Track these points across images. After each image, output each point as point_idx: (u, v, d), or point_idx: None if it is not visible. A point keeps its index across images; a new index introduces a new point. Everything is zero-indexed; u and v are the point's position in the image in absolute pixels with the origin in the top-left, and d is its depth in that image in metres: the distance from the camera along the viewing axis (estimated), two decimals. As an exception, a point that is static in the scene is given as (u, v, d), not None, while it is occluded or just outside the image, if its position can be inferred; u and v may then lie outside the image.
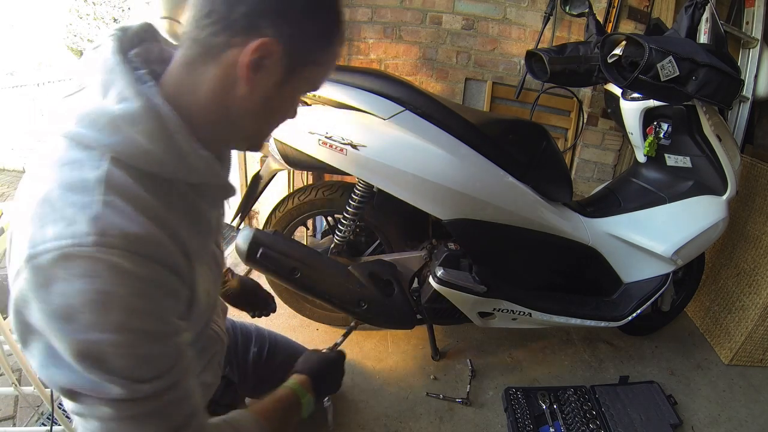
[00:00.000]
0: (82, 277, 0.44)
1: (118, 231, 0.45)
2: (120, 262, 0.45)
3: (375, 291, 1.33)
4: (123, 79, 0.49)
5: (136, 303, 0.47)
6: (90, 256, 0.44)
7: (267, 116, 0.56)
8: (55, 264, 0.44)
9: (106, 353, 0.46)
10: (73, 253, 0.44)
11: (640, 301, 1.43)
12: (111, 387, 0.47)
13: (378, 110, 1.16)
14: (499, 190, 1.24)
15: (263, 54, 0.48)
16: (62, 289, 0.44)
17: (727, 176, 1.36)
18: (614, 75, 1.18)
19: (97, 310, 0.45)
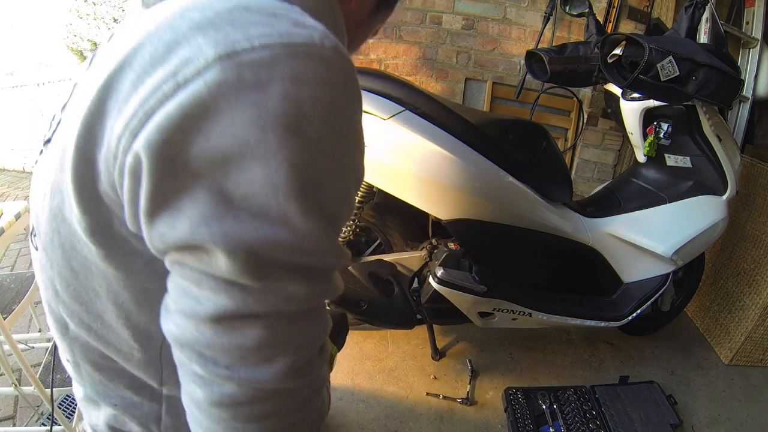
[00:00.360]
0: (320, 80, 0.32)
1: (342, 46, 0.35)
2: (355, 81, 0.36)
3: (375, 291, 1.33)
4: None
5: (360, 135, 0.38)
6: (332, 59, 0.33)
7: (354, 38, 0.51)
8: (280, 59, 0.30)
9: (328, 186, 0.34)
10: (309, 52, 0.31)
11: (640, 301, 1.43)
12: (319, 242, 0.33)
13: (378, 110, 1.16)
14: (499, 190, 1.24)
15: None
16: (288, 90, 0.30)
17: (727, 176, 1.36)
18: (614, 75, 1.18)
19: (332, 126, 0.33)
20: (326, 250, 0.35)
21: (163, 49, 0.31)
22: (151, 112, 0.29)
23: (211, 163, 0.30)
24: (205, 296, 0.32)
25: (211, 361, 0.34)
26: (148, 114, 0.30)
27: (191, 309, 0.33)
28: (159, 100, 0.29)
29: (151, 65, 0.30)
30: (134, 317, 0.41)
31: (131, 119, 0.30)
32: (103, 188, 0.34)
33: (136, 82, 0.31)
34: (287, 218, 0.31)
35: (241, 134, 0.29)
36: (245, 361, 0.34)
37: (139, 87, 0.30)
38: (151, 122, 0.29)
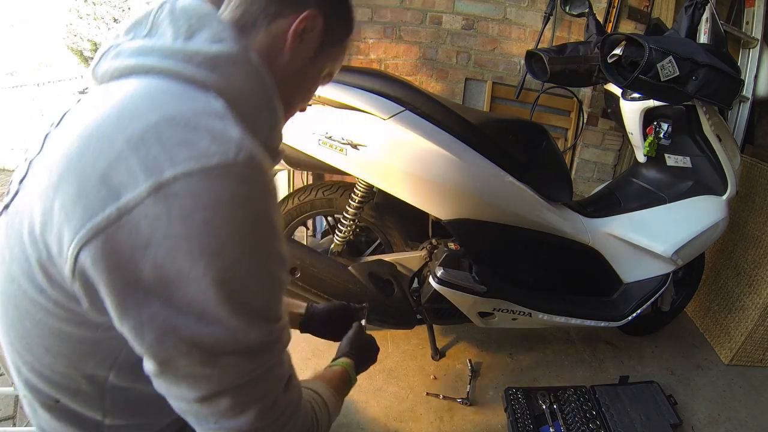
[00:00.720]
0: (235, 199, 0.38)
1: (259, 152, 0.42)
2: (270, 181, 0.42)
3: (375, 291, 1.33)
4: (219, 24, 0.48)
5: (278, 229, 0.44)
6: (244, 174, 0.39)
7: (297, 90, 0.59)
8: (198, 184, 0.37)
9: (256, 291, 0.42)
10: (223, 172, 0.38)
11: (640, 301, 1.43)
12: (253, 334, 0.42)
13: (378, 110, 1.16)
14: (499, 190, 1.24)
15: (308, 26, 0.53)
16: (207, 217, 0.37)
17: (727, 176, 1.36)
18: (614, 75, 1.18)
19: (251, 239, 0.40)
20: (257, 336, 0.43)
21: (104, 164, 0.37)
22: (98, 231, 0.37)
23: (158, 282, 0.38)
24: (184, 388, 0.43)
25: (203, 421, 0.45)
26: (96, 231, 0.37)
27: (180, 396, 0.44)
28: (105, 222, 0.37)
29: (94, 178, 0.37)
30: (82, 365, 0.47)
31: (79, 230, 0.37)
32: (55, 270, 0.41)
33: (81, 191, 0.37)
34: (221, 320, 0.40)
35: (175, 263, 0.37)
36: (226, 417, 0.44)
37: (83, 199, 0.37)
38: (98, 240, 0.37)
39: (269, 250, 0.43)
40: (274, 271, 0.44)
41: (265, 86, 0.49)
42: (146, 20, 0.49)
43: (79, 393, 0.50)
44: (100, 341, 0.46)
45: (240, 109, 0.46)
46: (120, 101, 0.41)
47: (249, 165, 0.40)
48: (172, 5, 0.49)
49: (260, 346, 0.44)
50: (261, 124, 0.49)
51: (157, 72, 0.44)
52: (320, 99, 1.19)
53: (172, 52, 0.45)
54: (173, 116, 0.39)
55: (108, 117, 0.40)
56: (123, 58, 0.46)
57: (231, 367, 0.42)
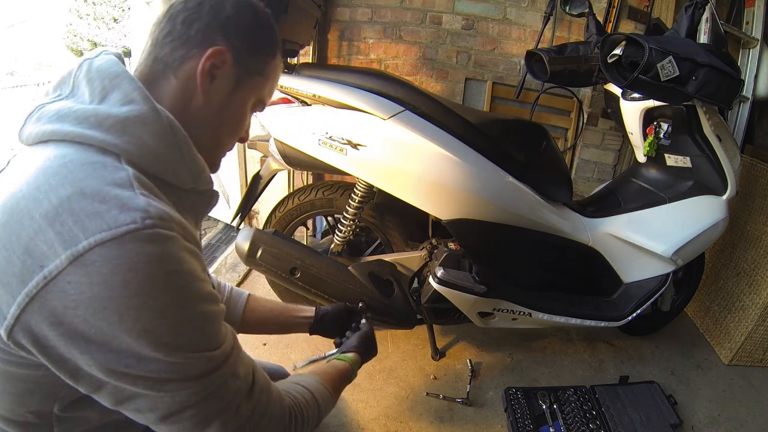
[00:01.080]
0: (148, 259, 0.43)
1: (168, 215, 0.46)
2: (178, 239, 0.46)
3: (375, 291, 1.33)
4: (130, 84, 0.51)
5: (197, 273, 0.48)
6: (152, 236, 0.43)
7: (221, 127, 0.60)
8: (110, 251, 0.41)
9: (184, 330, 0.46)
10: (132, 238, 0.42)
11: (640, 301, 1.43)
12: (195, 364, 0.47)
13: (378, 110, 1.16)
14: (499, 190, 1.24)
15: (217, 62, 0.55)
16: (126, 279, 0.42)
17: (727, 176, 1.36)
18: (614, 75, 1.18)
19: (170, 289, 0.45)
20: (198, 365, 0.47)
21: (26, 236, 0.42)
22: (32, 297, 0.41)
23: (94, 335, 0.42)
24: (145, 412, 0.47)
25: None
26: (30, 297, 0.41)
27: (145, 419, 0.48)
28: (35, 289, 0.41)
29: (20, 250, 0.42)
30: (27, 402, 0.51)
31: (16, 296, 0.42)
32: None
33: (10, 261, 0.42)
34: (159, 359, 0.44)
35: (105, 320, 0.42)
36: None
37: (14, 268, 0.42)
38: (34, 304, 0.42)
39: (190, 294, 0.47)
40: (201, 309, 0.48)
41: (177, 141, 0.52)
42: (69, 79, 0.53)
43: (28, 426, 0.53)
44: (42, 378, 0.49)
45: (153, 167, 0.51)
46: (36, 175, 0.45)
47: (155, 227, 0.44)
48: (89, 65, 0.52)
49: (203, 372, 0.48)
50: (181, 176, 0.54)
51: (71, 139, 0.48)
52: (320, 99, 1.19)
53: (86, 117, 0.48)
54: (83, 189, 0.43)
55: (27, 192, 0.44)
56: (43, 123, 0.50)
57: (180, 391, 0.47)
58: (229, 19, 0.55)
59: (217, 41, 0.55)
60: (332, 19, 1.93)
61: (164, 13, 0.56)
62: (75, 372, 0.45)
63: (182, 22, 0.54)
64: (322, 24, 1.92)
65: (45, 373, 0.47)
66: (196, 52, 0.54)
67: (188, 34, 0.54)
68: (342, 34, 1.95)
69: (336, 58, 1.99)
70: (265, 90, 0.63)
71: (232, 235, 2.34)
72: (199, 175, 0.57)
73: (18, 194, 0.44)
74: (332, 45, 1.97)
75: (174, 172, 0.53)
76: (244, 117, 0.63)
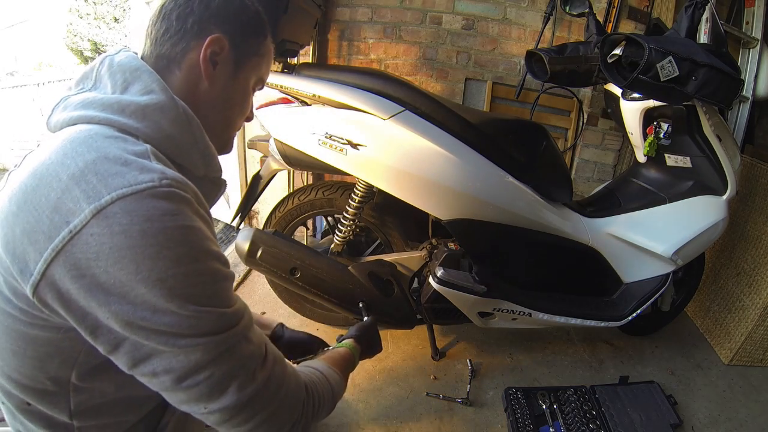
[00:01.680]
0: (162, 214, 0.46)
1: (183, 180, 0.51)
2: (192, 202, 0.50)
3: (375, 291, 1.33)
4: (149, 77, 0.56)
5: (208, 235, 0.52)
6: (168, 194, 0.47)
7: (229, 108, 0.66)
8: (131, 204, 0.45)
9: (198, 283, 0.48)
10: (151, 194, 0.46)
11: (640, 301, 1.43)
12: (208, 319, 0.49)
13: (378, 110, 1.16)
14: (499, 190, 1.24)
15: (215, 48, 0.60)
16: (144, 228, 0.45)
17: (727, 176, 1.36)
18: (614, 75, 1.18)
19: (184, 242, 0.47)
20: (210, 321, 0.49)
21: (54, 197, 0.46)
22: (58, 251, 0.44)
23: (113, 285, 0.45)
24: (160, 374, 0.48)
25: (194, 406, 0.51)
26: (56, 251, 0.44)
27: (162, 385, 0.50)
28: (62, 243, 0.44)
29: (48, 209, 0.45)
30: (46, 367, 0.53)
31: (43, 252, 0.45)
32: (18, 284, 0.47)
33: (39, 219, 0.45)
34: (173, 311, 0.46)
35: (123, 269, 0.45)
36: (211, 399, 0.50)
37: (42, 226, 0.45)
38: (60, 258, 0.45)
39: (203, 249, 0.50)
40: (213, 265, 0.51)
41: (191, 128, 0.58)
42: (91, 74, 0.59)
43: (46, 395, 0.55)
44: (62, 342, 0.51)
45: (170, 151, 0.55)
46: (64, 144, 0.49)
47: (171, 186, 0.48)
48: (111, 60, 0.58)
49: (216, 329, 0.50)
50: (194, 161, 0.59)
51: (97, 122, 0.53)
52: (320, 99, 1.19)
53: (110, 104, 0.54)
54: (107, 155, 0.48)
55: (55, 158, 0.48)
56: (70, 111, 0.55)
57: (194, 348, 0.48)
58: (219, 9, 0.60)
59: (213, 30, 0.59)
60: (332, 19, 1.93)
61: (157, 13, 0.61)
62: (95, 328, 0.47)
63: (177, 19, 0.59)
64: (322, 24, 1.92)
65: (65, 336, 0.50)
66: (196, 44, 0.59)
67: (185, 28, 0.59)
68: (342, 34, 1.95)
69: (336, 58, 1.99)
70: (262, 68, 0.68)
71: (232, 235, 2.34)
72: (210, 160, 0.62)
73: (47, 161, 0.48)
74: (332, 45, 1.97)
75: (188, 156, 0.58)
76: (248, 96, 0.68)
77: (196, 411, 0.51)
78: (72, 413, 0.56)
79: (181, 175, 0.51)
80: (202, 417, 0.52)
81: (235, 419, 0.52)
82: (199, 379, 0.49)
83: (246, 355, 0.52)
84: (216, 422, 0.52)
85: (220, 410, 0.51)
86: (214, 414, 0.51)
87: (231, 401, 0.51)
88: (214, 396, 0.50)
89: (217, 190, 0.67)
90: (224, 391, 0.50)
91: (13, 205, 0.47)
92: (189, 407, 0.51)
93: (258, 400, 0.53)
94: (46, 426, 0.57)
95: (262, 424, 0.54)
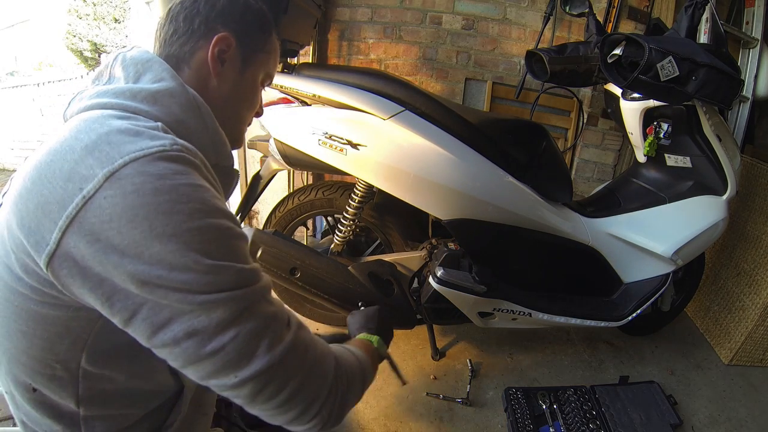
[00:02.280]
0: (174, 173, 0.47)
1: (193, 149, 0.52)
2: (201, 167, 0.52)
3: (375, 291, 1.33)
4: (160, 66, 0.58)
5: (217, 195, 0.52)
6: (179, 157, 0.49)
7: (239, 103, 0.68)
8: (143, 166, 0.46)
9: (212, 238, 0.48)
10: (162, 156, 0.47)
11: (640, 301, 1.43)
12: (226, 274, 0.48)
13: (378, 110, 1.16)
14: (499, 190, 1.24)
15: (223, 47, 0.62)
16: (156, 186, 0.46)
17: (727, 176, 1.36)
18: (614, 75, 1.18)
19: (196, 198, 0.48)
20: (227, 276, 0.48)
21: (68, 167, 0.46)
22: (72, 218, 0.45)
23: (128, 246, 0.45)
24: (181, 340, 0.46)
25: (224, 378, 0.48)
26: (71, 218, 0.45)
27: (186, 354, 0.47)
28: (75, 210, 0.45)
29: (61, 179, 0.46)
30: (56, 348, 0.52)
31: (58, 220, 0.45)
32: (30, 260, 0.47)
33: (52, 191, 0.46)
34: (189, 267, 0.46)
35: (137, 227, 0.45)
36: (239, 366, 0.48)
37: (55, 196, 0.46)
38: (74, 225, 0.45)
39: (215, 207, 0.50)
40: (226, 223, 0.50)
41: (201, 113, 0.59)
42: (105, 71, 0.61)
43: (54, 379, 0.54)
44: (71, 321, 0.51)
45: (181, 134, 0.55)
46: (78, 124, 0.50)
47: (181, 152, 0.49)
48: (123, 56, 0.60)
49: (235, 284, 0.48)
50: (204, 146, 0.59)
51: (110, 107, 0.54)
52: (320, 99, 1.19)
53: (122, 92, 0.55)
54: (120, 128, 0.49)
55: (69, 134, 0.49)
56: (85, 101, 0.57)
57: (214, 304, 0.47)
58: (224, 9, 0.62)
59: (219, 29, 0.61)
60: (332, 19, 1.93)
61: (165, 16, 0.63)
62: (112, 293, 0.46)
63: (184, 20, 0.61)
64: (322, 24, 1.92)
65: (75, 314, 0.50)
66: (203, 43, 0.61)
67: (192, 28, 0.61)
68: (342, 34, 1.95)
69: (336, 58, 1.99)
70: (270, 64, 0.69)
71: (232, 235, 2.33)
72: (221, 147, 0.63)
73: (62, 139, 0.49)
74: (332, 45, 1.97)
75: (198, 141, 0.57)
76: (257, 91, 0.70)
77: (226, 383, 0.48)
78: (79, 399, 0.55)
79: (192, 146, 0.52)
80: (232, 393, 0.49)
81: (268, 389, 0.49)
82: (224, 340, 0.47)
83: (269, 314, 0.51)
84: (248, 395, 0.49)
85: (253, 377, 0.48)
86: (246, 384, 0.48)
87: (263, 364, 0.48)
88: (243, 360, 0.47)
89: (230, 180, 0.68)
90: (253, 353, 0.48)
91: (27, 182, 0.48)
92: (218, 380, 0.48)
93: (289, 362, 0.50)
94: (50, 415, 0.56)
95: (296, 395, 0.51)
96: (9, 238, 0.48)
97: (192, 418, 0.69)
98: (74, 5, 7.54)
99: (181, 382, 0.65)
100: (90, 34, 7.58)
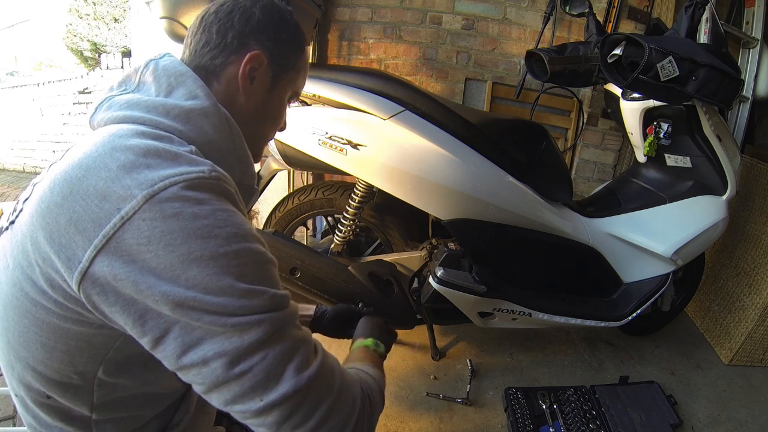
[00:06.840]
0: (212, 199, 0.48)
1: (229, 177, 0.53)
2: (234, 194, 0.53)
3: (375, 291, 1.33)
4: (194, 82, 0.57)
5: (248, 220, 0.53)
6: (216, 184, 0.50)
7: (264, 121, 0.67)
8: (183, 191, 0.46)
9: (248, 262, 0.49)
10: (201, 183, 0.48)
11: (640, 301, 1.43)
12: (259, 298, 0.48)
13: (378, 110, 1.16)
14: (499, 190, 1.24)
15: (255, 65, 0.61)
16: (195, 211, 0.46)
17: (727, 176, 1.36)
18: (614, 75, 1.18)
19: (232, 223, 0.49)
20: (261, 300, 0.48)
21: (103, 186, 0.46)
22: (109, 238, 0.44)
23: (164, 269, 0.45)
24: (211, 360, 0.46)
25: (249, 401, 0.47)
26: (107, 238, 0.44)
27: (213, 376, 0.46)
28: (112, 230, 0.44)
29: (96, 197, 0.46)
30: (75, 361, 0.52)
31: (93, 239, 0.45)
32: (57, 275, 0.46)
33: (86, 209, 0.45)
34: (224, 290, 0.46)
35: (175, 251, 0.45)
36: (267, 388, 0.47)
37: (90, 214, 0.45)
38: (110, 245, 0.44)
39: (250, 232, 0.51)
40: (258, 247, 0.51)
41: (232, 134, 0.59)
42: (134, 76, 0.60)
43: (69, 388, 0.54)
44: (93, 337, 0.51)
45: (211, 155, 0.55)
46: (112, 138, 0.50)
47: (219, 179, 0.50)
48: (156, 64, 0.59)
49: (268, 307, 0.49)
50: (232, 166, 0.59)
51: (142, 122, 0.54)
52: (320, 99, 1.19)
53: (154, 106, 0.55)
54: (157, 148, 0.49)
55: (102, 150, 0.48)
56: (114, 110, 0.56)
57: (246, 326, 0.47)
58: (259, 24, 0.61)
59: (252, 46, 0.61)
60: (332, 19, 1.93)
61: (198, 24, 0.62)
62: (143, 313, 0.46)
63: (217, 33, 0.60)
64: (322, 24, 1.92)
65: (98, 332, 0.50)
66: (235, 58, 0.60)
67: (225, 42, 0.60)
68: (342, 34, 1.95)
69: (336, 58, 1.99)
70: (298, 82, 0.69)
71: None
72: (247, 168, 0.63)
73: (93, 153, 0.48)
74: (332, 45, 1.97)
75: (227, 162, 0.58)
76: (283, 109, 0.70)
77: (251, 408, 0.47)
78: (93, 406, 0.56)
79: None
80: (257, 420, 0.48)
81: (296, 416, 0.48)
82: (253, 362, 0.46)
83: (298, 338, 0.51)
84: (274, 423, 0.48)
85: (279, 401, 0.47)
86: (273, 410, 0.47)
87: (289, 387, 0.47)
88: (271, 382, 0.47)
89: (249, 197, 0.67)
90: (281, 375, 0.47)
91: (56, 195, 0.47)
92: (243, 405, 0.47)
93: (316, 387, 0.50)
94: (61, 419, 0.56)
95: (324, 423, 0.50)
96: (34, 250, 0.47)
97: (197, 417, 0.70)
98: (75, 5, 7.53)
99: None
100: (90, 34, 7.58)
